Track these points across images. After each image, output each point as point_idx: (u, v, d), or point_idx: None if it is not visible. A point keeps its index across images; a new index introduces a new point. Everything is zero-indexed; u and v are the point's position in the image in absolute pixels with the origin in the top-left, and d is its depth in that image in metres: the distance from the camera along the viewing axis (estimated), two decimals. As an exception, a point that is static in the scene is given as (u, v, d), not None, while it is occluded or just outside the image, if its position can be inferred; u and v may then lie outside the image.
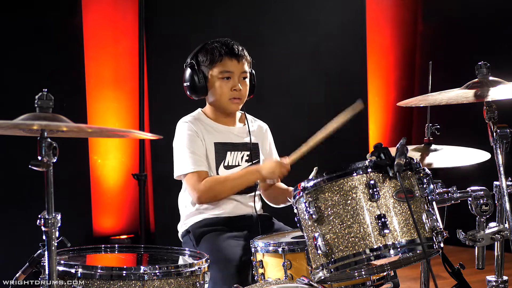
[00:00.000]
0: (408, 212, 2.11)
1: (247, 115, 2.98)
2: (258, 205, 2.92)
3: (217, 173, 2.82)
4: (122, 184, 4.99)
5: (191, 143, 2.79)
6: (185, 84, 2.86)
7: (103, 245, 2.43)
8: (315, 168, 2.35)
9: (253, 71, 2.92)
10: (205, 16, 5.04)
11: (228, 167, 2.84)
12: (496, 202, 2.40)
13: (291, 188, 2.92)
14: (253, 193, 2.86)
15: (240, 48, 2.87)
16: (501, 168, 2.33)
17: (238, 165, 2.87)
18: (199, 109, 2.94)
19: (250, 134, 2.93)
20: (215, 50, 2.83)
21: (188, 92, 2.87)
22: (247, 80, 2.89)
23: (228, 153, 2.86)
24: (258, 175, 2.75)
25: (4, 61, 4.50)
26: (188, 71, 2.85)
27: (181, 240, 2.87)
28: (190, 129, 2.82)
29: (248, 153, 2.90)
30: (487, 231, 2.38)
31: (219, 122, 2.91)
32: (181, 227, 2.88)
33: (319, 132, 2.72)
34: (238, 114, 2.99)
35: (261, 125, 3.03)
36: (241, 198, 2.85)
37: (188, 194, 2.85)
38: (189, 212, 2.85)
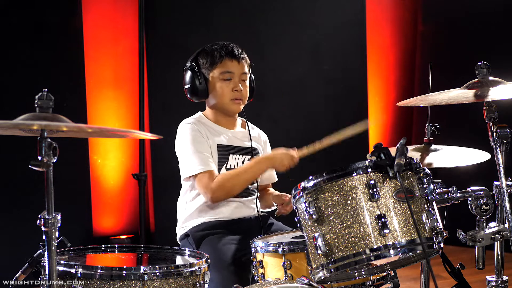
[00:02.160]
0: (408, 212, 2.11)
1: (247, 122, 2.98)
2: (259, 207, 2.91)
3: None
4: (122, 184, 4.99)
5: (196, 143, 2.78)
6: (185, 87, 2.86)
7: (103, 245, 2.43)
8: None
9: (252, 75, 2.93)
10: (205, 16, 5.04)
11: (229, 169, 2.83)
12: (496, 202, 2.40)
13: (285, 194, 2.91)
14: (251, 197, 2.87)
15: (240, 50, 2.88)
16: (501, 168, 2.32)
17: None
18: (200, 112, 2.94)
19: (251, 138, 2.92)
20: (215, 52, 2.84)
21: (188, 95, 2.87)
22: (247, 82, 2.89)
23: (231, 155, 2.85)
24: (268, 163, 2.74)
25: (4, 61, 4.50)
26: (188, 74, 2.85)
27: (179, 243, 2.87)
28: (194, 129, 2.81)
29: (249, 157, 2.89)
30: (487, 231, 2.38)
31: (221, 125, 2.90)
32: (180, 231, 2.87)
33: (335, 134, 2.73)
34: (239, 120, 2.99)
35: (260, 134, 3.03)
36: (239, 201, 2.85)
37: (188, 197, 2.84)
38: (188, 215, 2.84)
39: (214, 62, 2.83)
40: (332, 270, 2.12)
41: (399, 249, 2.09)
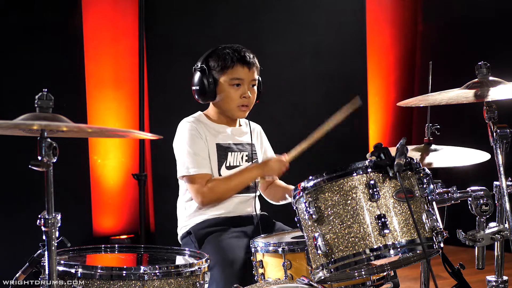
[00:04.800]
0: (408, 212, 2.11)
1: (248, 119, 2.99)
2: (257, 205, 2.92)
3: (220, 174, 2.83)
4: (122, 184, 4.99)
5: (193, 143, 2.79)
6: (194, 87, 2.85)
7: (103, 245, 2.43)
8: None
9: (260, 78, 2.93)
10: (205, 16, 5.04)
11: (229, 168, 2.85)
12: (496, 202, 2.40)
13: (290, 186, 2.93)
14: (252, 194, 2.87)
15: (251, 55, 2.87)
16: (501, 168, 2.33)
17: (239, 165, 2.88)
18: (200, 112, 2.94)
19: (251, 134, 2.93)
20: (227, 56, 2.83)
21: (196, 96, 2.87)
22: (255, 87, 2.90)
23: (229, 153, 2.86)
24: (258, 172, 2.77)
25: (4, 61, 4.50)
26: (197, 75, 2.84)
27: (181, 243, 2.87)
28: (193, 129, 2.82)
29: (247, 153, 2.90)
30: (487, 231, 2.38)
31: (221, 122, 2.91)
32: (181, 230, 2.87)
33: (318, 130, 2.76)
34: None
35: (254, 127, 3.04)
36: (240, 199, 2.85)
37: (187, 196, 2.85)
38: (190, 213, 2.84)
39: (226, 67, 2.82)
40: (332, 270, 2.12)
41: (399, 249, 2.09)
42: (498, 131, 2.35)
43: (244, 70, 2.84)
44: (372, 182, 2.11)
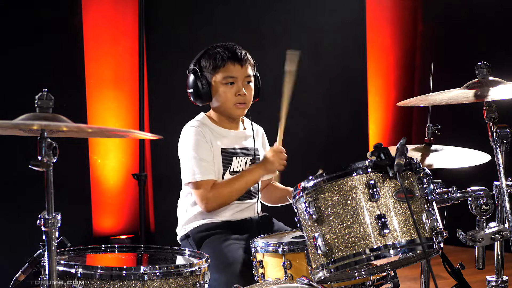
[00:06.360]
0: (408, 212, 2.11)
1: (245, 119, 2.97)
2: (259, 208, 2.91)
3: (223, 179, 2.80)
4: (122, 184, 4.99)
5: (199, 149, 2.76)
6: (189, 90, 2.82)
7: (103, 245, 2.43)
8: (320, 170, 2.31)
9: (258, 74, 2.91)
10: (205, 16, 5.04)
11: (233, 173, 2.82)
12: (496, 202, 2.40)
13: (289, 188, 2.91)
14: (254, 200, 2.86)
15: (243, 52, 2.84)
16: (501, 168, 2.33)
17: (243, 170, 2.85)
18: (203, 114, 2.91)
19: (254, 138, 2.91)
20: (218, 55, 2.80)
21: (192, 98, 2.84)
22: (252, 84, 2.87)
23: (234, 158, 2.84)
24: (260, 171, 2.74)
25: (4, 61, 4.50)
26: (191, 77, 2.81)
27: (180, 244, 2.86)
28: (198, 134, 2.78)
29: (251, 157, 2.88)
30: (487, 231, 2.38)
31: (224, 126, 2.88)
32: (180, 231, 2.86)
33: (283, 100, 2.81)
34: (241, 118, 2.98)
35: (257, 129, 3.01)
36: (240, 204, 2.83)
37: (190, 200, 2.83)
38: (189, 217, 2.82)
39: (217, 66, 2.79)
40: (332, 270, 2.12)
41: (399, 249, 2.10)
42: (498, 131, 2.35)
43: (236, 67, 2.81)
44: (372, 182, 2.11)
